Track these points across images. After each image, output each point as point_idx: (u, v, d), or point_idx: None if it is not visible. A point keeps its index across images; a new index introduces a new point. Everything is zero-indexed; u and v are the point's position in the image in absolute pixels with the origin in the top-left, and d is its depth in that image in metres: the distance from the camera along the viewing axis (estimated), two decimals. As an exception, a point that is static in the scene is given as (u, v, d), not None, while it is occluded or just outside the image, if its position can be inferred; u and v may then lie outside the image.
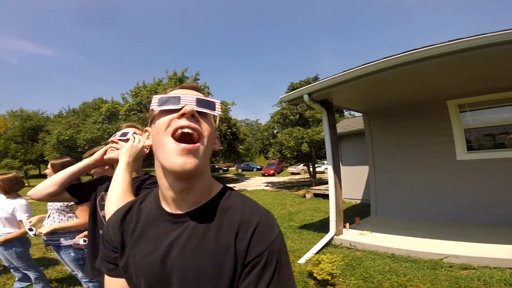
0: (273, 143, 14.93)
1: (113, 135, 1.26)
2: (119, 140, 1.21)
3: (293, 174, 25.17)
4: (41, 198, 1.23)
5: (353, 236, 4.53)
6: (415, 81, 4.35)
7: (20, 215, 2.71)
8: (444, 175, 5.20)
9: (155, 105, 0.59)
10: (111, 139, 1.24)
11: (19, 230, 2.71)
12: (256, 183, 19.10)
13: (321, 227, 5.62)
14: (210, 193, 0.64)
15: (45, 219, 2.49)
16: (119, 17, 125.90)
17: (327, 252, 4.02)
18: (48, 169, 2.34)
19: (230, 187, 0.69)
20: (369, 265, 3.54)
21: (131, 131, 1.22)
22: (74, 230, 2.38)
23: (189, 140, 0.56)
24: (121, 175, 1.01)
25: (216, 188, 0.66)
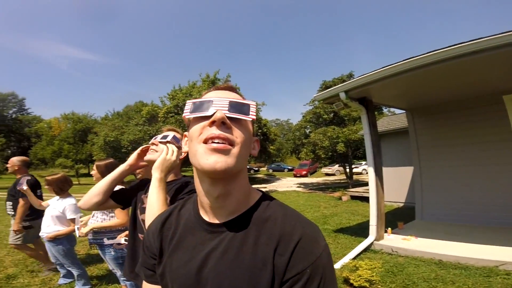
0: (306, 143, 14.65)
1: (154, 137, 1.30)
2: (160, 142, 1.26)
3: (327, 175, 24.46)
4: (90, 208, 1.32)
5: (395, 241, 4.27)
6: (466, 75, 4.00)
7: (69, 214, 2.91)
8: (499, 177, 4.72)
9: (187, 112, 0.59)
10: (152, 141, 1.29)
11: (67, 228, 2.91)
12: (287, 184, 18.83)
13: (359, 231, 5.38)
14: (248, 201, 0.61)
15: (90, 218, 2.62)
16: (149, 25, 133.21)
17: (366, 257, 3.84)
18: (93, 170, 2.44)
19: (270, 195, 0.66)
20: (412, 271, 3.32)
21: (171, 135, 1.26)
22: (115, 230, 2.46)
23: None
24: (156, 194, 1.06)
25: (254, 196, 0.63)
